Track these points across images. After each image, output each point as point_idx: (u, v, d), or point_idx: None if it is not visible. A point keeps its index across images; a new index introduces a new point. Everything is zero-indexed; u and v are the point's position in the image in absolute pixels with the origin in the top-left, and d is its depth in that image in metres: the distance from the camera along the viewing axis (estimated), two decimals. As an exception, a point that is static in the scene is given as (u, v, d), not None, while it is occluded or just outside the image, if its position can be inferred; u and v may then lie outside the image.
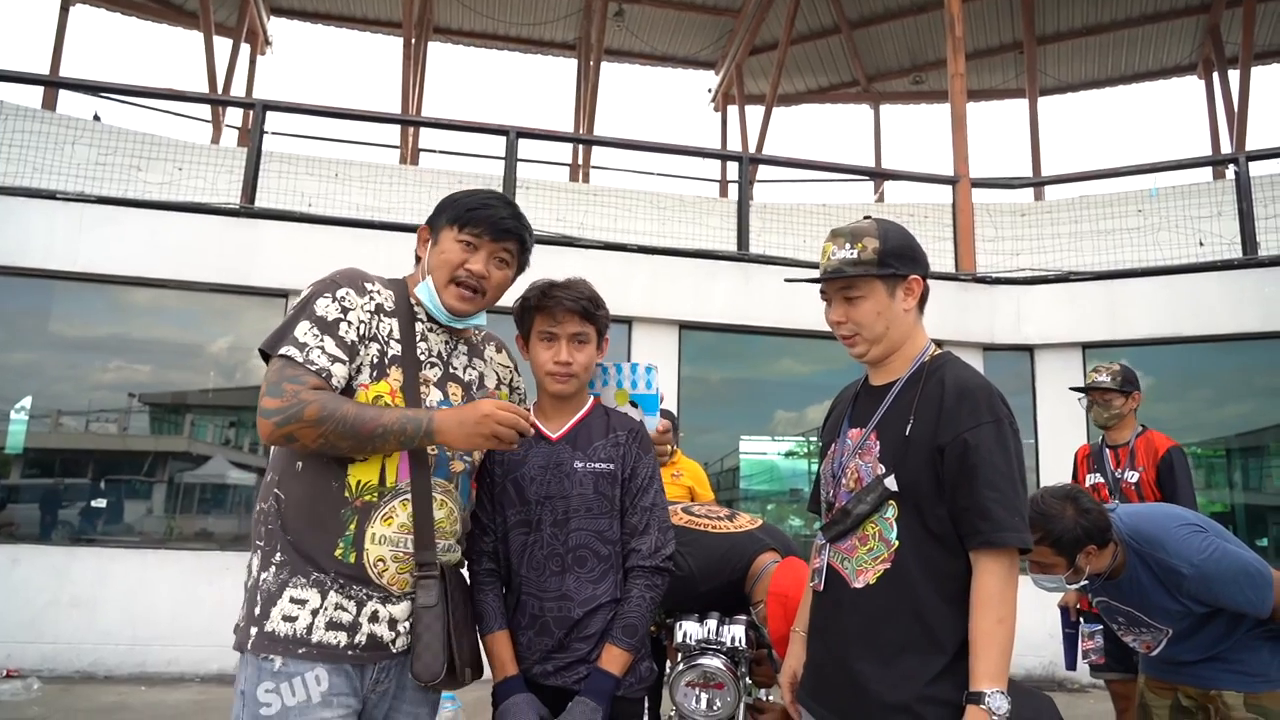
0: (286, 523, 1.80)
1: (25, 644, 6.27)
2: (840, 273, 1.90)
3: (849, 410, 2.02)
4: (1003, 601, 1.70)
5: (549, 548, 2.00)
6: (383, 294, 1.93)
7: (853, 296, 1.91)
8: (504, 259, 1.99)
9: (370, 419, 1.73)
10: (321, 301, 1.83)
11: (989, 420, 1.76)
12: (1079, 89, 15.95)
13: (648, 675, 2.07)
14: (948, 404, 1.80)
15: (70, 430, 7.51)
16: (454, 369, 1.99)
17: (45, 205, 6.93)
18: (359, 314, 1.85)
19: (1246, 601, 2.48)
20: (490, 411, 1.76)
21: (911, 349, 1.95)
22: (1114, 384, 3.96)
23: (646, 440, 2.15)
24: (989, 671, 1.67)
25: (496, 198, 1.99)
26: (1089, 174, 9.19)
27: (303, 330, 1.79)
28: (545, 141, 11.74)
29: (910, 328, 1.95)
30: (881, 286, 1.90)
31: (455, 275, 1.92)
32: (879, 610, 1.80)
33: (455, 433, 1.77)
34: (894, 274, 1.89)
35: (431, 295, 1.93)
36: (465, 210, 1.94)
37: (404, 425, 1.75)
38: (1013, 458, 1.77)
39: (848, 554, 1.89)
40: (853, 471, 1.90)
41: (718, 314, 7.71)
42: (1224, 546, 2.52)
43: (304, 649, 1.72)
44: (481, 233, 1.93)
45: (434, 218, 2.00)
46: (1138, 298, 7.80)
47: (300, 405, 1.69)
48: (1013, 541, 1.72)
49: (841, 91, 16.87)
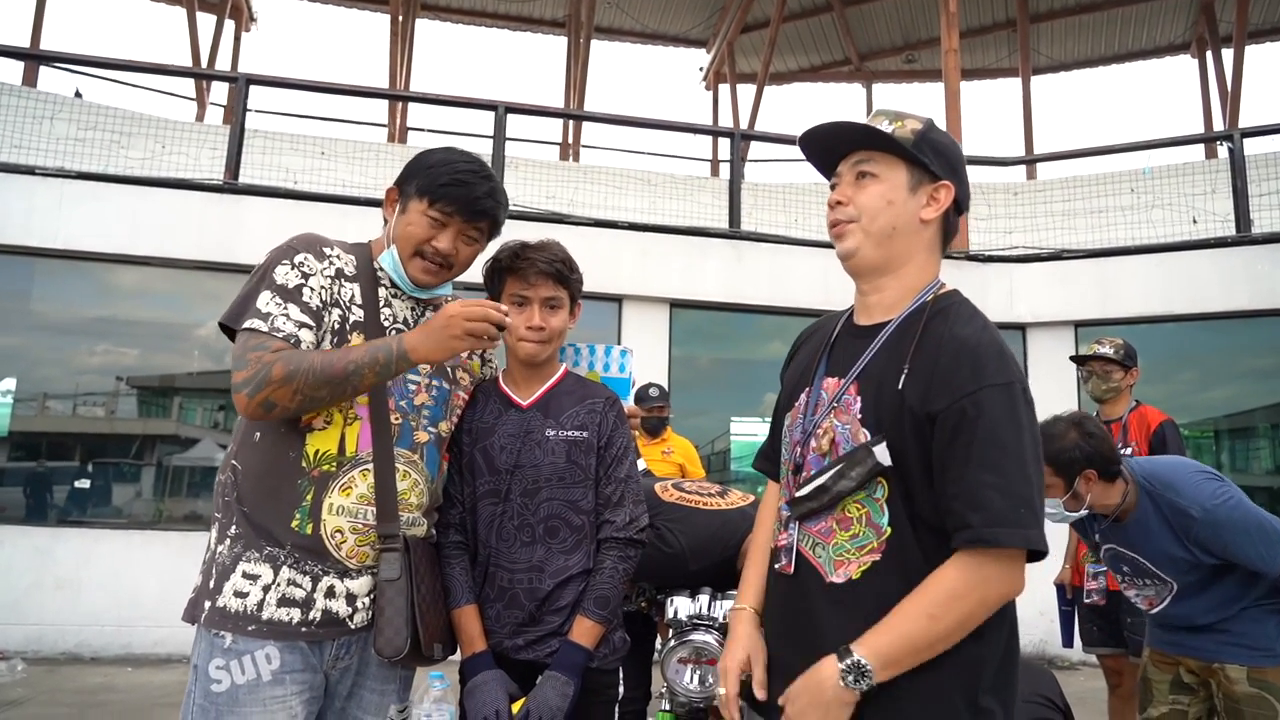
0: (243, 494, 1.74)
1: (10, 625, 6.21)
2: (863, 135, 1.54)
3: (824, 353, 1.61)
4: (950, 605, 1.32)
5: (519, 518, 1.95)
6: (343, 259, 1.85)
7: (866, 172, 1.53)
8: (473, 236, 1.90)
9: (338, 359, 1.67)
10: (280, 269, 1.76)
11: (997, 383, 1.37)
12: (1072, 68, 15.87)
13: (621, 646, 2.02)
14: (944, 359, 1.40)
15: (56, 413, 7.43)
16: None
17: (24, 181, 6.81)
18: (319, 279, 1.78)
19: (1257, 556, 2.41)
20: (456, 311, 1.69)
21: (915, 279, 1.54)
22: (1117, 356, 3.92)
23: (623, 410, 2.09)
24: (880, 648, 1.33)
25: (473, 171, 1.86)
26: (1082, 151, 9.15)
27: (264, 300, 1.72)
28: (534, 117, 11.61)
29: (921, 249, 1.54)
30: (904, 174, 1.52)
31: (420, 249, 1.84)
32: (866, 614, 1.38)
33: (427, 344, 1.70)
34: (924, 165, 1.52)
35: (396, 264, 1.85)
36: (437, 184, 1.82)
37: (375, 355, 1.69)
38: (1025, 433, 1.37)
39: (822, 539, 1.48)
40: (825, 433, 1.49)
41: (709, 292, 7.66)
42: (1239, 496, 2.47)
43: (254, 626, 1.67)
44: (453, 211, 1.83)
45: (404, 180, 1.89)
46: (1130, 276, 7.78)
47: (266, 368, 1.63)
48: (1010, 541, 1.31)
49: (834, 70, 16.74)
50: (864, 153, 1.55)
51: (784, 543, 1.55)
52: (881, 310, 1.55)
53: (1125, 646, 3.73)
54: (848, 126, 1.57)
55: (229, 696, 1.64)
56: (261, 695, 1.65)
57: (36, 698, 5.10)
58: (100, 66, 8.79)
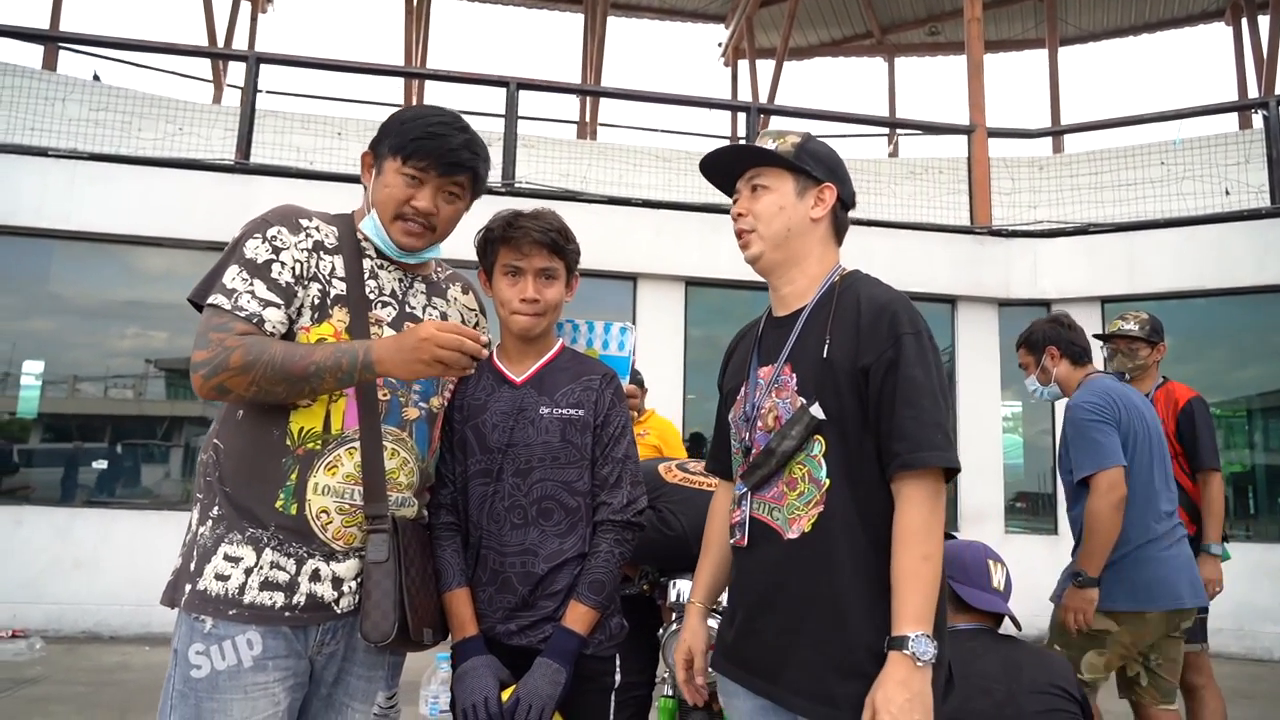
0: (225, 474, 1.67)
1: (30, 604, 6.28)
2: (750, 154, 1.78)
3: (754, 348, 1.82)
4: (928, 535, 1.51)
5: (510, 499, 1.87)
6: (323, 230, 1.76)
7: (759, 185, 1.76)
8: (454, 191, 1.80)
9: (301, 357, 1.59)
10: (251, 243, 1.68)
11: (909, 332, 1.60)
12: (1101, 38, 15.46)
13: (618, 632, 1.95)
14: (865, 320, 1.63)
15: (86, 395, 7.52)
16: (411, 308, 1.84)
17: (37, 163, 6.82)
18: (293, 253, 1.70)
19: (1075, 457, 2.95)
20: (430, 334, 1.59)
21: (818, 269, 1.77)
22: (1141, 332, 3.77)
23: (621, 388, 2.01)
24: (913, 613, 1.47)
25: (446, 123, 1.77)
26: (1110, 122, 8.90)
27: (231, 276, 1.65)
28: (552, 96, 11.48)
29: (816, 244, 1.77)
30: (790, 183, 1.75)
31: (400, 212, 1.75)
32: (820, 560, 1.59)
33: (395, 360, 1.61)
34: (807, 172, 1.75)
35: (378, 229, 1.77)
36: (409, 139, 1.73)
37: (339, 359, 1.61)
38: (932, 370, 1.59)
39: (776, 502, 1.68)
40: (769, 410, 1.70)
41: (725, 270, 7.52)
42: (1109, 416, 2.93)
43: (235, 610, 1.60)
44: (428, 166, 1.74)
45: (377, 142, 1.79)
46: (1159, 249, 7.57)
47: (225, 353, 1.56)
48: (933, 461, 1.53)
49: (855, 44, 16.43)
50: (755, 169, 1.78)
51: (737, 519, 1.76)
52: (795, 299, 1.78)
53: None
54: (737, 150, 1.83)
55: (209, 682, 1.58)
56: (243, 682, 1.59)
57: (53, 676, 5.14)
58: (111, 47, 8.77)
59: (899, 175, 9.66)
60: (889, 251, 7.46)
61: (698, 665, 1.87)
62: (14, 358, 7.07)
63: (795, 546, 1.62)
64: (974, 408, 7.84)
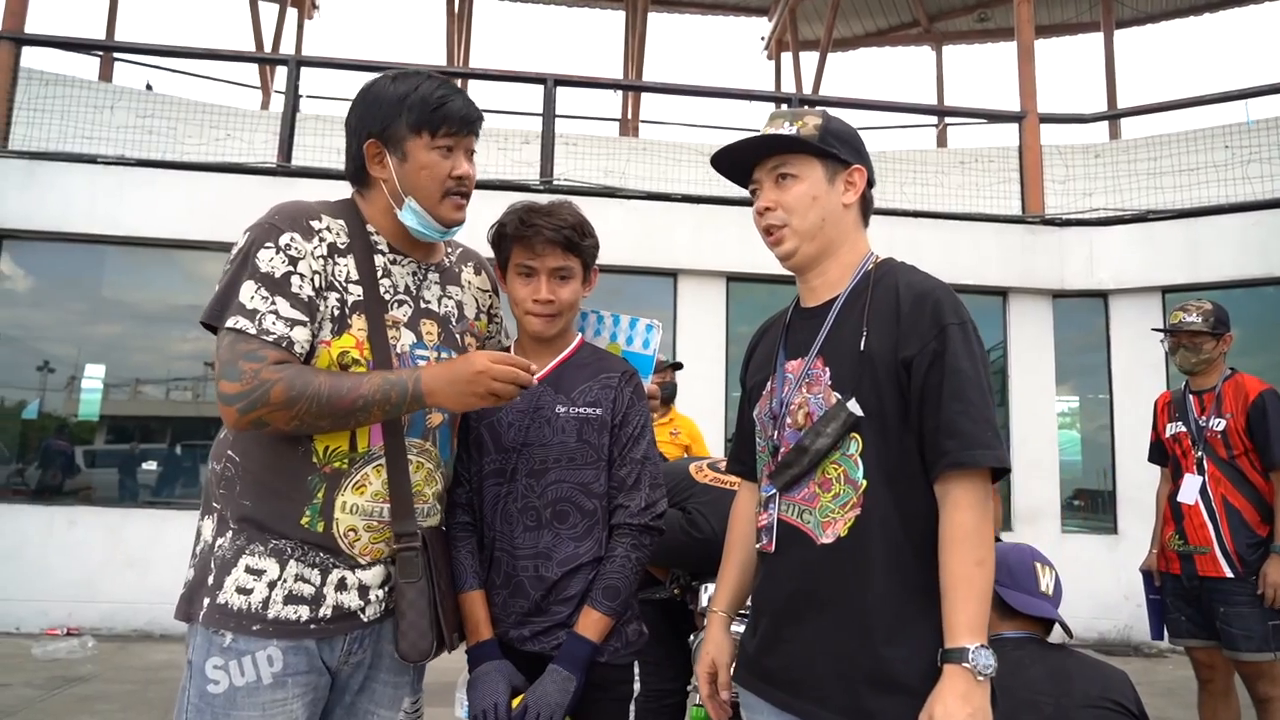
0: (243, 488, 1.59)
1: (84, 603, 6.41)
2: (775, 142, 1.64)
3: (781, 341, 1.71)
4: (980, 539, 1.41)
5: (523, 500, 1.80)
6: (333, 229, 1.66)
7: (785, 174, 1.64)
8: (473, 149, 1.75)
9: (347, 391, 1.50)
10: (264, 254, 1.56)
11: (954, 322, 1.49)
12: (1160, 19, 14.90)
13: (636, 639, 1.86)
14: (906, 309, 1.52)
15: (147, 397, 7.70)
16: (426, 302, 1.76)
17: (87, 169, 6.96)
18: (310, 262, 1.59)
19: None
20: (484, 368, 1.54)
21: (851, 256, 1.66)
22: (1205, 325, 3.55)
23: (641, 386, 1.92)
24: (969, 623, 1.38)
25: (441, 83, 1.71)
26: (1170, 104, 8.53)
27: (248, 293, 1.53)
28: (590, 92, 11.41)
29: (849, 230, 1.66)
30: (820, 169, 1.63)
31: (446, 187, 1.68)
32: (856, 567, 1.49)
33: (447, 393, 1.56)
34: (835, 156, 1.63)
35: (420, 217, 1.68)
36: (430, 110, 1.65)
37: (387, 392, 1.53)
38: (979, 363, 1.51)
39: (807, 504, 1.57)
40: (799, 406, 1.59)
41: (767, 265, 7.32)
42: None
43: (259, 625, 1.53)
44: (456, 130, 1.68)
45: (380, 128, 1.67)
46: (1223, 236, 7.23)
47: (264, 387, 1.46)
48: (986, 460, 1.44)
49: (901, 33, 16.07)
50: (778, 157, 1.65)
51: (764, 523, 1.65)
52: (827, 289, 1.66)
53: (1218, 639, 3.41)
54: (759, 140, 1.67)
55: (226, 699, 1.52)
56: (260, 699, 1.53)
57: (103, 674, 5.23)
58: (153, 54, 8.93)
59: (947, 165, 9.40)
60: (937, 243, 7.25)
61: (722, 679, 1.77)
62: (79, 361, 7.28)
63: (829, 552, 1.52)
64: (1028, 403, 7.58)
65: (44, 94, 7.70)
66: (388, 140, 1.68)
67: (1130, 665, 2.15)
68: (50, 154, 7.09)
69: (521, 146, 8.85)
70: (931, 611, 1.43)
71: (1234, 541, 3.38)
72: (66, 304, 7.40)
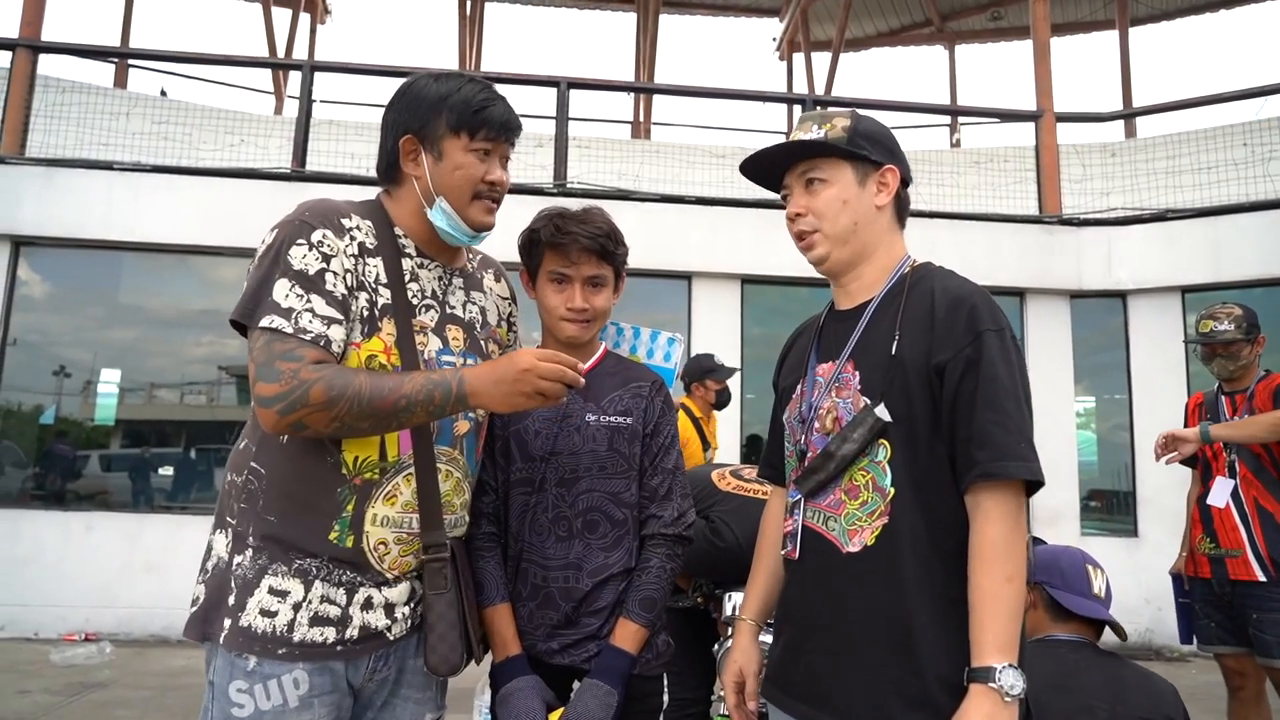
0: (267, 502, 1.54)
1: (102, 608, 6.43)
2: (801, 148, 1.61)
3: (814, 344, 1.68)
4: (1010, 554, 1.37)
5: (554, 510, 1.77)
6: (363, 228, 1.61)
7: (815, 179, 1.61)
8: (508, 157, 1.72)
9: (390, 391, 1.45)
10: (297, 250, 1.51)
11: (991, 329, 1.46)
12: (1175, 16, 14.78)
13: (665, 650, 1.84)
14: (940, 314, 1.48)
15: (162, 401, 7.73)
16: (451, 308, 1.72)
17: (103, 176, 6.99)
18: (342, 260, 1.54)
19: None
20: (530, 365, 1.48)
21: (887, 259, 1.62)
22: (1239, 332, 3.50)
23: (670, 396, 1.90)
24: (997, 641, 1.33)
25: (485, 87, 1.68)
26: (1187, 102, 8.45)
27: (282, 291, 1.48)
28: (602, 95, 11.39)
29: (884, 232, 1.62)
30: (850, 172, 1.60)
31: (478, 190, 1.65)
32: (883, 577, 1.44)
33: (492, 394, 1.50)
34: (865, 157, 1.59)
35: (450, 219, 1.64)
36: (473, 113, 1.62)
37: (431, 392, 1.48)
38: (1016, 372, 1.46)
39: (833, 511, 1.53)
40: (828, 411, 1.56)
41: (782, 267, 7.34)
42: None
43: (285, 649, 1.49)
44: (495, 135, 1.65)
45: (418, 125, 1.64)
46: (1244, 235, 7.15)
47: (303, 387, 1.41)
48: (1018, 472, 1.38)
49: (913, 32, 16.00)
50: (807, 162, 1.62)
51: (789, 529, 1.61)
52: (863, 291, 1.63)
53: (1249, 645, 3.35)
54: (786, 147, 1.64)
55: None
56: None
57: (121, 680, 5.23)
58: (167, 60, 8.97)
59: (962, 165, 9.34)
60: (953, 243, 7.19)
61: (749, 689, 1.74)
62: (95, 366, 7.31)
63: (855, 561, 1.48)
64: (1046, 405, 7.49)
65: (60, 101, 7.75)
66: (425, 138, 1.65)
67: (1151, 669, 2.14)
68: (67, 161, 7.12)
69: (535, 150, 8.84)
70: (962, 626, 1.38)
71: (1267, 545, 3.32)
72: (83, 309, 7.44)
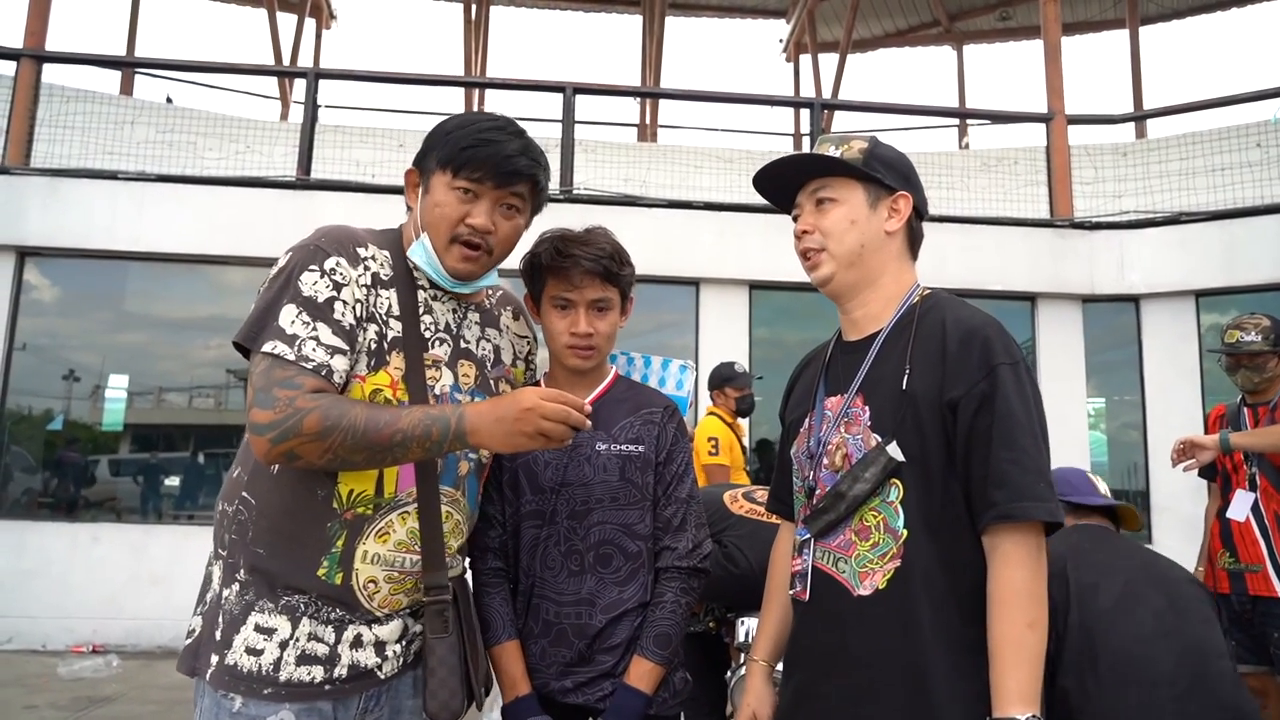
0: (257, 534, 1.50)
1: (109, 620, 6.40)
2: (814, 164, 1.58)
3: (821, 376, 1.64)
4: (1031, 599, 1.33)
5: (566, 543, 1.71)
6: (378, 258, 1.56)
7: (825, 198, 1.57)
8: (513, 205, 1.59)
9: (386, 425, 1.40)
10: (308, 277, 1.47)
11: (1006, 362, 1.41)
12: (1186, 15, 14.66)
13: (682, 688, 1.78)
14: (952, 347, 1.43)
15: (171, 406, 7.73)
16: (465, 343, 1.66)
17: (108, 185, 6.97)
18: (354, 290, 1.49)
19: None
20: (534, 405, 1.42)
21: (895, 288, 1.58)
22: (1267, 344, 3.44)
23: (683, 422, 1.84)
24: (1020, 690, 1.29)
25: (499, 126, 1.56)
26: (1199, 104, 8.35)
27: (288, 317, 1.44)
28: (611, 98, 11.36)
29: (892, 259, 1.58)
30: (862, 193, 1.56)
31: (455, 233, 1.54)
32: (896, 621, 1.40)
33: (492, 432, 1.43)
34: (878, 180, 1.56)
35: (429, 257, 1.56)
36: (459, 149, 1.53)
37: (428, 428, 1.42)
38: (1032, 407, 1.41)
39: (843, 553, 1.48)
40: (837, 447, 1.51)
41: (791, 272, 7.23)
42: None
43: (270, 689, 1.45)
44: (482, 177, 1.53)
45: (422, 156, 1.60)
46: (1259, 238, 7.05)
47: (298, 415, 1.37)
48: (1037, 514, 1.35)
49: (921, 33, 15.91)
50: (819, 180, 1.59)
51: (798, 568, 1.56)
52: (870, 322, 1.59)
53: (1270, 664, 3.28)
54: (797, 160, 1.62)
55: None
56: None
57: (128, 694, 5.20)
58: (173, 68, 8.96)
59: (971, 169, 9.25)
60: (963, 248, 7.10)
61: None
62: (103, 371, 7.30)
63: (867, 604, 1.44)
64: (1058, 410, 7.41)
65: (65, 110, 7.72)
66: (423, 170, 1.61)
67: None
68: (71, 171, 7.10)
69: (540, 156, 8.80)
70: (980, 672, 1.34)
71: (1289, 559, 3.26)
72: (88, 318, 7.41)
